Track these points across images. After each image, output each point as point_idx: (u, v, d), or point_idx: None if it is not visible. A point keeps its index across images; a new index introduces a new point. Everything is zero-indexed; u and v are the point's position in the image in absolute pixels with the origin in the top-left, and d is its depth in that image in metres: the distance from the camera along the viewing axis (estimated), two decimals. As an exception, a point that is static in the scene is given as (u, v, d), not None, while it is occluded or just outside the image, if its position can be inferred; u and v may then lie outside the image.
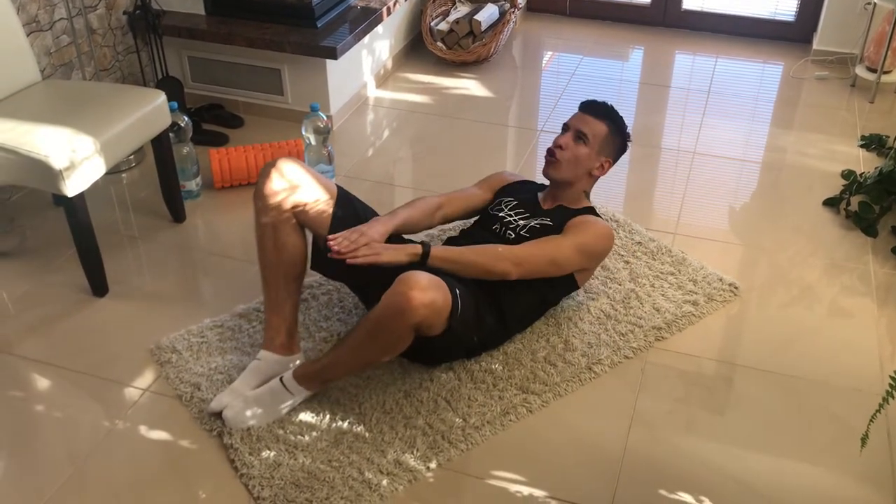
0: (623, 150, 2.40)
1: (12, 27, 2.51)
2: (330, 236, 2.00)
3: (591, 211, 2.35)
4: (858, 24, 3.85)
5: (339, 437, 1.97)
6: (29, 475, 1.91)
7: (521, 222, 2.29)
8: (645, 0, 4.43)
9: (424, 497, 1.86)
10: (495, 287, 2.15)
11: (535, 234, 2.24)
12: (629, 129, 2.41)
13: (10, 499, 1.85)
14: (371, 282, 2.14)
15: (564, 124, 2.38)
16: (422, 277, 1.84)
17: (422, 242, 2.04)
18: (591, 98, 2.41)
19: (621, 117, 2.39)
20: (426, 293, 1.82)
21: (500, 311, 2.18)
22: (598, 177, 2.38)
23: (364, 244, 1.99)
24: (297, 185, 2.12)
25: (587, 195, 2.42)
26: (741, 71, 4.00)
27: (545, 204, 2.37)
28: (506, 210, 2.35)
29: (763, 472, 1.93)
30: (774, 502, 1.86)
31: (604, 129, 2.33)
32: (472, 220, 2.46)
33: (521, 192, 2.43)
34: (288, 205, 2.11)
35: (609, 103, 2.39)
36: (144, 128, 2.51)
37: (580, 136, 2.32)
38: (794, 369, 2.22)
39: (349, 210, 2.17)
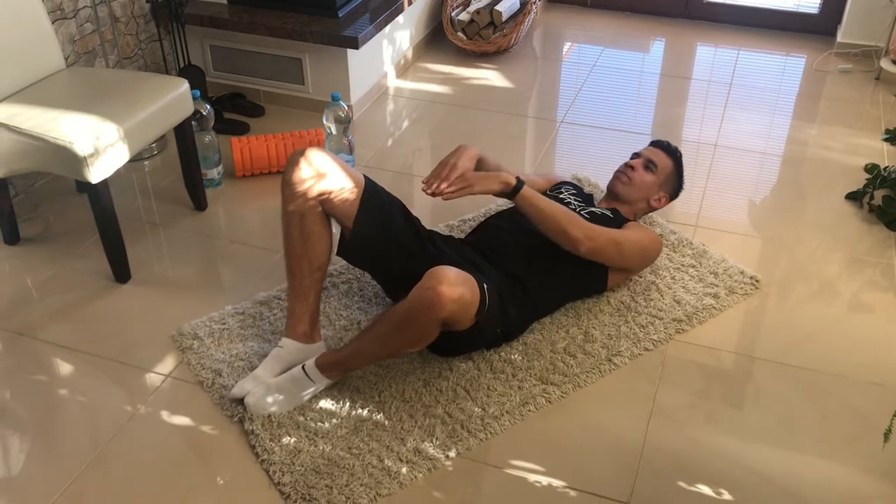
0: (677, 193, 2.60)
1: (38, 15, 2.53)
2: (424, 181, 2.06)
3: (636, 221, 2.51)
4: (883, 17, 3.81)
5: (358, 424, 1.98)
6: (53, 458, 1.93)
7: (580, 206, 2.41)
8: (667, -9, 4.40)
9: (443, 486, 1.86)
10: (526, 282, 2.18)
11: (595, 218, 2.33)
12: (651, 124, 2.44)
13: (35, 481, 1.88)
14: (395, 269, 2.15)
15: (635, 153, 2.58)
16: (451, 272, 1.85)
17: (517, 177, 2.09)
18: (613, 92, 2.47)
19: (682, 165, 2.59)
20: (455, 289, 1.82)
21: (526, 306, 2.20)
22: (654, 209, 2.56)
23: (456, 177, 2.02)
24: (324, 174, 2.13)
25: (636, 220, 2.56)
26: (763, 63, 3.97)
27: (600, 205, 2.51)
28: (566, 194, 2.49)
29: (783, 466, 1.93)
30: (794, 496, 1.86)
31: (670, 166, 2.53)
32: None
33: (577, 189, 2.57)
34: (314, 193, 2.12)
35: (678, 149, 2.58)
36: (167, 116, 2.53)
37: (649, 165, 2.50)
38: (814, 363, 2.21)
39: (376, 200, 2.18)
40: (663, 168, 2.51)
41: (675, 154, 2.57)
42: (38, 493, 1.85)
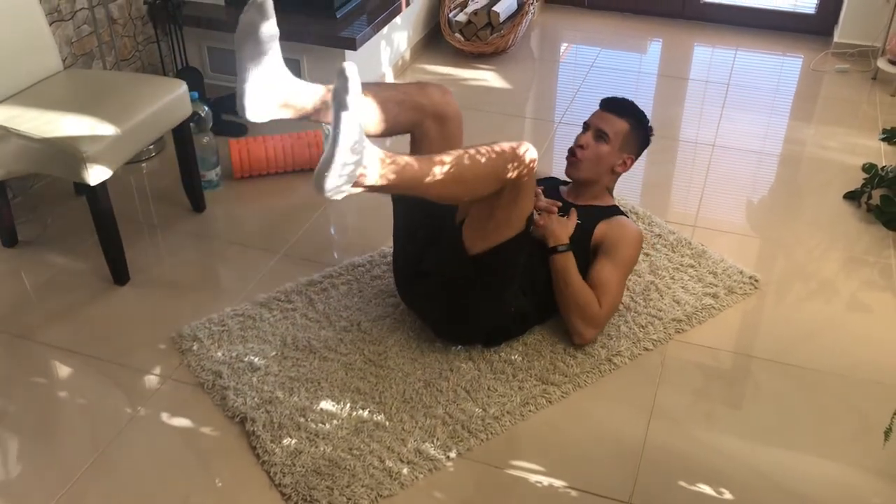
0: (645, 144, 2.42)
1: (35, 17, 2.53)
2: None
3: (616, 210, 2.38)
4: (880, 17, 3.82)
5: (359, 425, 1.98)
6: (53, 461, 1.93)
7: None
8: (664, -8, 4.41)
9: (444, 486, 1.86)
10: (549, 280, 2.21)
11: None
12: (650, 123, 2.42)
13: (35, 484, 1.88)
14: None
15: (585, 123, 2.41)
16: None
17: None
18: (610, 93, 2.42)
19: (642, 112, 2.40)
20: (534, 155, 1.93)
21: (538, 301, 2.22)
22: (621, 173, 2.41)
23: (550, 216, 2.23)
24: (446, 117, 2.17)
25: (610, 191, 2.44)
26: (761, 64, 3.98)
27: (569, 197, 2.40)
28: (542, 200, 2.38)
29: (783, 465, 1.93)
30: (794, 495, 1.86)
31: (625, 126, 2.35)
32: None
33: (544, 184, 2.47)
34: (430, 111, 2.15)
35: (629, 99, 2.40)
36: (165, 117, 2.52)
37: (601, 135, 2.34)
38: (814, 362, 2.22)
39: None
40: (617, 132, 2.33)
41: (626, 110, 2.37)
42: (38, 496, 1.85)
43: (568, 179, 2.45)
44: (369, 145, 1.72)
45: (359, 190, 1.75)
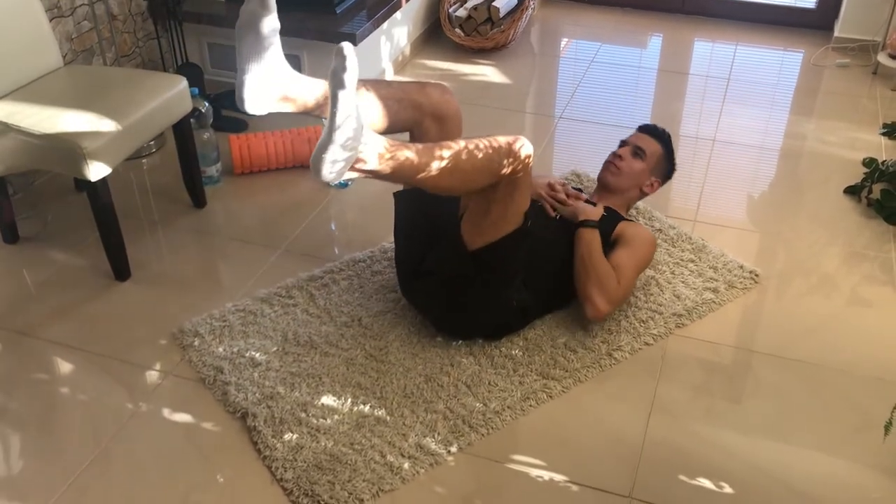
0: (670, 175, 2.60)
1: (35, 13, 2.53)
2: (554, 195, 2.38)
3: (634, 222, 2.47)
4: (881, 12, 3.82)
5: (360, 420, 1.99)
6: (54, 457, 1.93)
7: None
8: (664, -13, 4.41)
9: (445, 481, 1.87)
10: (552, 274, 2.25)
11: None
12: (649, 120, 2.44)
13: (37, 480, 1.88)
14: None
15: (622, 140, 2.58)
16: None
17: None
18: (610, 88, 2.47)
19: (672, 144, 2.57)
20: (530, 148, 1.99)
21: (539, 295, 2.24)
22: (647, 194, 2.55)
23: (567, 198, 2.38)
24: (445, 116, 2.19)
25: (628, 209, 2.57)
26: (761, 58, 3.98)
27: (593, 197, 2.50)
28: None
29: (783, 460, 1.93)
30: (794, 490, 1.86)
31: (659, 150, 2.53)
32: None
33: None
34: (429, 111, 2.18)
35: (666, 130, 2.57)
36: (166, 113, 2.53)
37: (638, 152, 2.50)
38: (814, 357, 2.22)
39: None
40: (652, 153, 2.51)
41: (662, 137, 2.56)
42: (40, 492, 1.85)
43: (588, 189, 2.54)
44: (368, 129, 1.72)
45: (356, 174, 1.75)
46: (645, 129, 2.58)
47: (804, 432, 2.00)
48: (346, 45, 1.57)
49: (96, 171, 2.28)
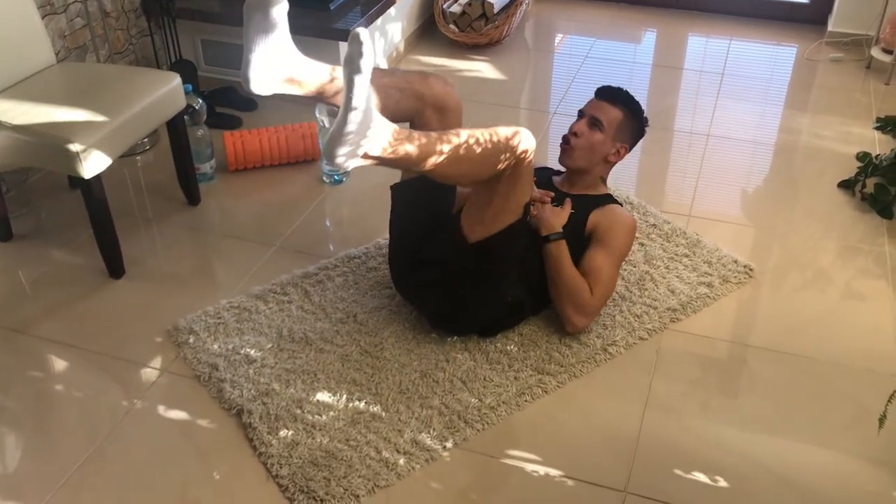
0: (640, 135, 2.42)
1: (28, 10, 2.52)
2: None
3: (610, 198, 2.37)
4: (874, 6, 3.82)
5: (356, 417, 1.99)
6: (49, 454, 1.93)
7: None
8: (658, -18, 4.41)
9: (441, 476, 1.87)
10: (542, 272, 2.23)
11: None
12: (645, 114, 2.42)
13: (32, 478, 1.88)
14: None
15: (579, 111, 2.41)
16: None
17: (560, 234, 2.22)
18: (605, 83, 2.42)
19: (637, 102, 2.40)
20: (532, 140, 1.98)
21: (533, 290, 2.23)
22: (615, 163, 2.41)
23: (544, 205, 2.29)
24: (446, 108, 2.18)
25: (604, 181, 2.45)
26: (755, 53, 3.98)
27: (562, 187, 2.40)
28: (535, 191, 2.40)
29: (778, 453, 1.94)
30: (790, 483, 1.87)
31: (619, 115, 2.35)
32: None
33: (537, 175, 2.44)
34: (431, 101, 2.17)
35: (624, 89, 2.39)
36: (160, 110, 2.52)
37: (595, 123, 2.34)
38: (809, 351, 2.22)
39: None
40: (611, 121, 2.33)
41: (620, 99, 2.37)
42: (35, 489, 1.85)
43: (562, 169, 2.45)
44: (378, 114, 1.72)
45: (361, 161, 1.74)
46: (601, 95, 2.39)
47: (799, 425, 2.01)
48: (362, 31, 1.57)
49: (90, 168, 2.27)
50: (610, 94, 2.38)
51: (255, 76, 1.80)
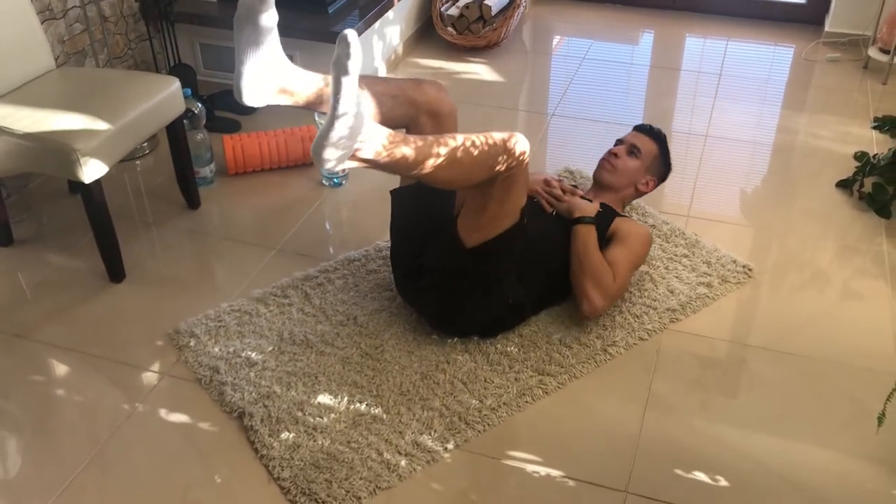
0: (666, 176, 2.59)
1: (27, 15, 2.53)
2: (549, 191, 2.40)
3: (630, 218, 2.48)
4: (871, 6, 3.83)
5: (357, 419, 1.99)
6: (51, 458, 1.93)
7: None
8: (655, -17, 4.42)
9: (442, 478, 1.87)
10: (548, 271, 2.26)
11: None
12: (641, 116, 2.45)
13: (33, 482, 1.88)
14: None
15: (618, 139, 2.57)
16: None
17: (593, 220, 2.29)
18: (603, 85, 2.47)
19: (668, 147, 2.57)
20: (527, 144, 1.99)
21: (533, 292, 2.24)
22: (642, 193, 2.55)
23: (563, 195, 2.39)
24: (440, 114, 2.20)
25: (624, 207, 2.56)
26: (752, 54, 3.99)
27: (588, 195, 2.50)
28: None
29: (778, 452, 1.94)
30: (789, 482, 1.88)
31: (655, 149, 2.53)
32: None
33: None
34: (425, 107, 2.19)
35: (662, 131, 2.58)
36: (159, 114, 2.53)
37: (633, 150, 2.50)
38: (808, 350, 2.23)
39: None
40: (647, 152, 2.50)
41: (658, 137, 2.55)
42: (37, 494, 1.85)
43: (582, 186, 2.53)
44: (370, 119, 1.73)
45: (355, 164, 1.76)
46: (641, 129, 2.59)
47: (798, 425, 2.02)
48: (350, 33, 1.58)
49: (90, 173, 2.28)
50: (649, 129, 2.57)
51: (248, 88, 1.82)
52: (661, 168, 2.56)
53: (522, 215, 2.08)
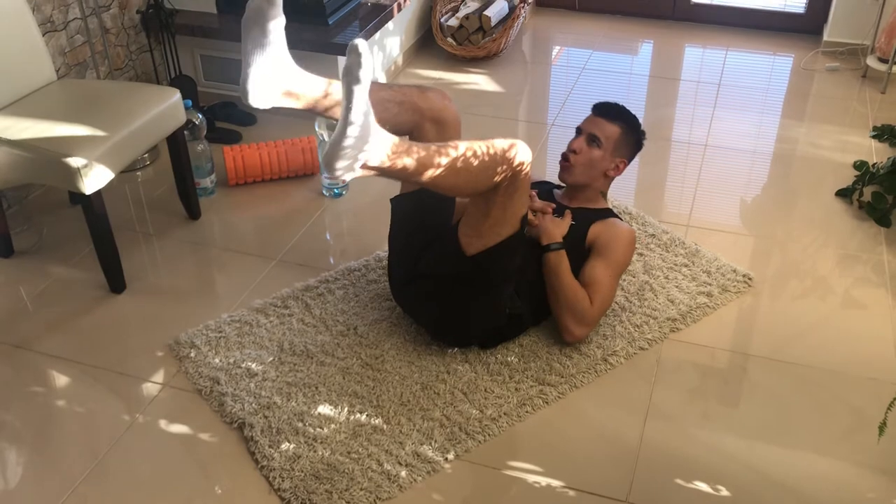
0: (638, 148, 2.45)
1: (28, 27, 2.54)
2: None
3: (610, 212, 2.40)
4: (869, 15, 3.84)
5: (357, 429, 1.99)
6: (51, 469, 1.93)
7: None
8: (654, -7, 4.44)
9: (443, 488, 1.87)
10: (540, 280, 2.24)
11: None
12: (642, 127, 2.44)
13: (34, 493, 1.88)
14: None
15: (577, 128, 2.44)
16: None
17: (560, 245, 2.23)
18: (602, 95, 2.45)
19: (634, 116, 2.43)
20: (528, 152, 1.98)
21: (532, 302, 2.24)
22: (614, 177, 2.44)
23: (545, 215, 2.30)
24: (445, 121, 2.20)
25: (604, 195, 2.48)
26: (751, 63, 4.00)
27: (562, 200, 2.43)
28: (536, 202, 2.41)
29: (779, 462, 1.94)
30: (791, 492, 1.87)
31: (616, 131, 2.38)
32: None
33: (538, 188, 2.49)
34: (429, 115, 2.19)
35: (621, 104, 2.42)
36: (160, 125, 2.53)
37: (593, 140, 2.38)
38: (808, 359, 2.23)
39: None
40: (609, 137, 2.36)
41: (619, 115, 2.39)
42: (38, 505, 1.85)
43: (561, 183, 2.47)
44: (377, 126, 1.73)
45: (361, 172, 1.76)
46: (598, 111, 2.42)
47: (799, 434, 2.01)
48: (360, 42, 1.59)
49: (91, 184, 2.28)
50: (607, 110, 2.41)
51: (254, 90, 1.82)
52: (630, 146, 2.42)
53: (523, 224, 2.08)
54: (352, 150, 1.65)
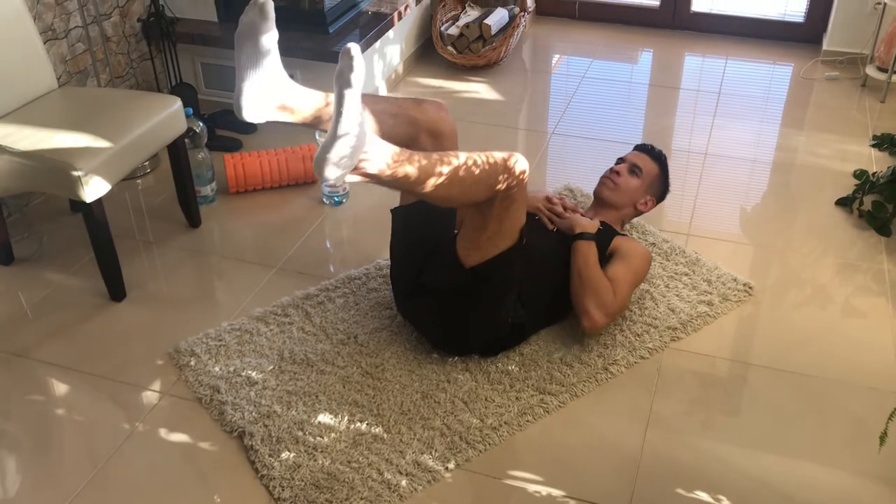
0: (664, 196, 2.62)
1: (29, 35, 2.54)
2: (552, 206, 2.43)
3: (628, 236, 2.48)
4: (868, 24, 3.85)
5: (357, 438, 1.99)
6: (50, 478, 1.93)
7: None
8: (654, 2, 4.44)
9: (443, 497, 1.87)
10: (549, 290, 2.27)
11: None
12: (641, 134, 2.46)
13: (33, 502, 1.87)
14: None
15: (620, 158, 2.60)
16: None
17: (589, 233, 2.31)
18: (602, 103, 2.47)
19: (668, 168, 2.61)
20: (526, 164, 2.01)
21: (533, 311, 2.24)
22: (641, 213, 2.57)
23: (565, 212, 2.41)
24: (441, 133, 2.21)
25: (623, 226, 2.58)
26: (751, 72, 4.01)
27: (588, 213, 2.51)
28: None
29: (780, 471, 1.94)
30: (791, 500, 1.87)
31: (655, 170, 2.56)
32: None
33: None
34: (425, 127, 2.19)
35: (663, 152, 2.61)
36: (160, 133, 2.54)
37: (635, 169, 2.52)
38: (809, 368, 2.23)
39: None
40: (648, 172, 2.53)
41: (659, 158, 2.58)
42: (37, 514, 1.85)
43: (582, 205, 2.54)
44: (373, 135, 1.73)
45: (357, 178, 1.76)
46: (643, 149, 2.61)
47: (800, 443, 2.01)
48: (353, 46, 1.59)
49: (91, 192, 2.28)
50: (650, 150, 2.60)
51: (248, 105, 1.83)
52: (661, 188, 2.59)
53: (521, 236, 2.08)
54: (345, 159, 1.66)
